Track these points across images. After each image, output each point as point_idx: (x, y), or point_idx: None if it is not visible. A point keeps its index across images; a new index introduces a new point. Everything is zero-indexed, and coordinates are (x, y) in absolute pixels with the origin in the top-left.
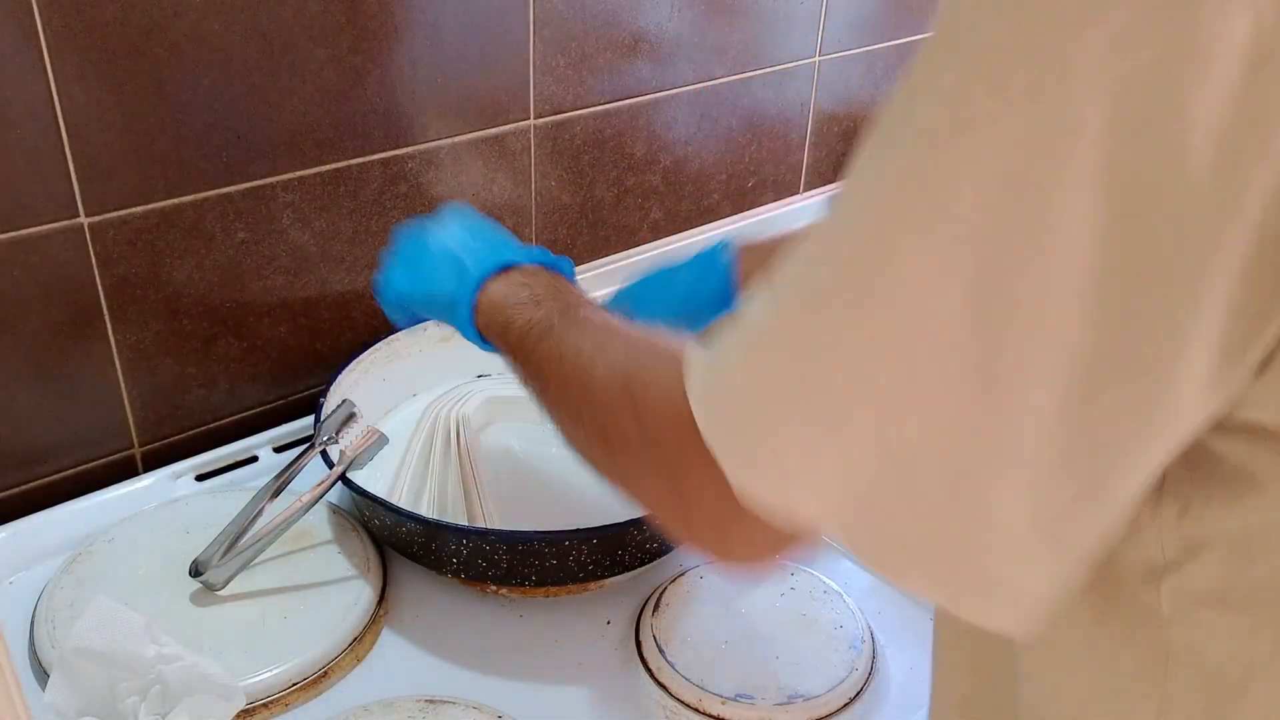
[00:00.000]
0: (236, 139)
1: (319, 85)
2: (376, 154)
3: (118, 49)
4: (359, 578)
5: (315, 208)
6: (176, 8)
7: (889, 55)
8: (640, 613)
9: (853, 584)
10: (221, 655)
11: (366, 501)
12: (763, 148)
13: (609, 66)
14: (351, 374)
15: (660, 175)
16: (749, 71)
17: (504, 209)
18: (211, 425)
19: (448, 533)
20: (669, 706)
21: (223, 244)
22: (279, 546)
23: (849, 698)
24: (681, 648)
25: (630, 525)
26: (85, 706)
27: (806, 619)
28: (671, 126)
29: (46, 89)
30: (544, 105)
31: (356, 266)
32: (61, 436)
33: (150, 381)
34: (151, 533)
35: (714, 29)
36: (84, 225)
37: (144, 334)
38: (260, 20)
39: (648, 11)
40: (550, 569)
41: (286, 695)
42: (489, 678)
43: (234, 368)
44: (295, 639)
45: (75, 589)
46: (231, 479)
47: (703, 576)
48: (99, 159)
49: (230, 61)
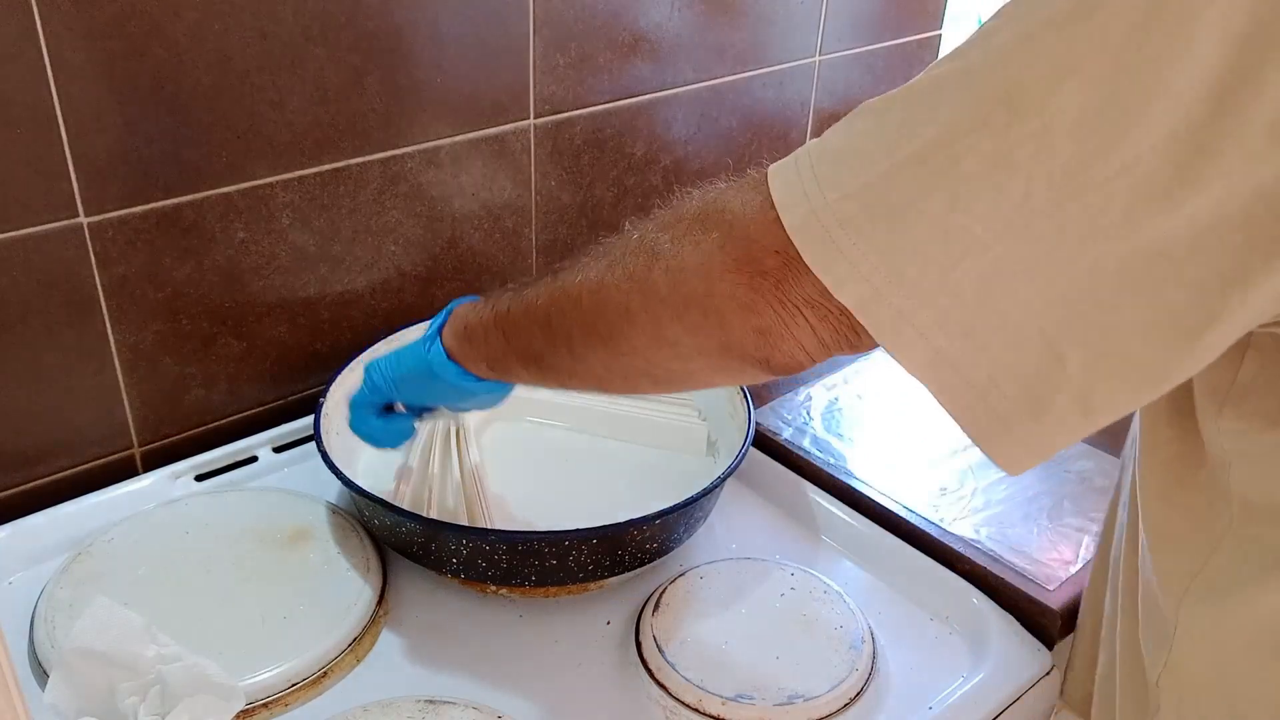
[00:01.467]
0: (236, 139)
1: (319, 85)
2: (376, 154)
3: (118, 49)
4: (359, 578)
5: (315, 208)
6: (176, 8)
7: (889, 55)
8: (640, 613)
9: (853, 584)
10: (221, 655)
11: (366, 501)
12: (763, 148)
13: (609, 66)
14: (351, 374)
15: (660, 175)
16: (749, 71)
17: (504, 209)
18: (211, 425)
19: (448, 533)
20: (669, 706)
21: (223, 244)
22: (280, 546)
23: (849, 698)
24: (681, 648)
25: (630, 525)
26: (85, 706)
27: (806, 619)
28: (671, 126)
29: (46, 89)
30: (544, 105)
31: (356, 266)
32: (61, 436)
33: (150, 381)
34: (151, 533)
35: (714, 29)
36: (84, 225)
37: (144, 334)
38: (260, 20)
39: (648, 11)
40: (550, 569)
41: (286, 695)
42: (489, 678)
43: (234, 368)
44: (295, 639)
45: (75, 589)
46: (231, 479)
47: (702, 576)
48: (99, 159)
49: (230, 61)
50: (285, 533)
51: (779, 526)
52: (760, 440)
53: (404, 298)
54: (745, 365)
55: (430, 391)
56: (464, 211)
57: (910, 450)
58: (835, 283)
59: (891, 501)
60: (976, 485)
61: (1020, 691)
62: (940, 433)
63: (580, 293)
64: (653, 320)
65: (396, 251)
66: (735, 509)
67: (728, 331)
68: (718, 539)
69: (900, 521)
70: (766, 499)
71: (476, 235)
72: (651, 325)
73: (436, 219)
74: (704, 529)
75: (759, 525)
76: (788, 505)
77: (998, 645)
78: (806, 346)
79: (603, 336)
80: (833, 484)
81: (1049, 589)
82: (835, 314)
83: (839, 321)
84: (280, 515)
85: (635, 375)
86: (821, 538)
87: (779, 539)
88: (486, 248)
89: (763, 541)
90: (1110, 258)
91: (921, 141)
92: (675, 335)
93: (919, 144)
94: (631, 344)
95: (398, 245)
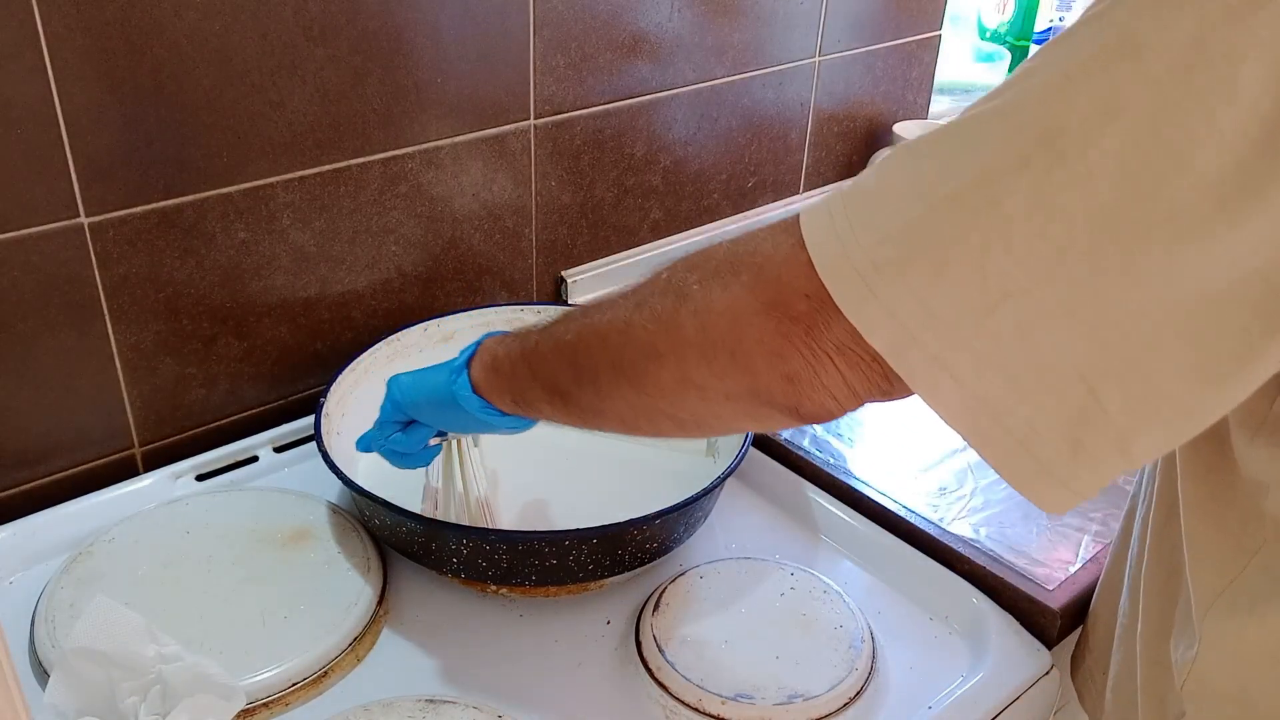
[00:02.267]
0: (236, 139)
1: (319, 85)
2: (376, 154)
3: (118, 49)
4: (359, 577)
5: (315, 208)
6: (176, 8)
7: (889, 55)
8: (640, 613)
9: (853, 584)
10: (221, 655)
11: (366, 501)
12: (762, 148)
13: (609, 66)
14: (352, 374)
15: (660, 175)
16: (749, 71)
17: (504, 209)
18: (211, 425)
19: (448, 533)
20: (669, 706)
21: (223, 244)
22: (280, 546)
23: (849, 698)
24: (681, 648)
25: (630, 525)
26: (85, 706)
27: (806, 619)
28: (671, 126)
29: (46, 89)
30: (544, 105)
31: (356, 266)
32: (62, 436)
33: (150, 381)
34: (151, 533)
35: (714, 29)
36: (84, 225)
37: (144, 334)
38: (260, 20)
39: (648, 11)
40: (550, 569)
41: (287, 695)
42: (489, 678)
43: (234, 368)
44: (295, 639)
45: (75, 589)
46: (231, 479)
47: (702, 576)
48: (99, 159)
49: (230, 61)
50: (286, 532)
51: (779, 526)
52: (760, 440)
53: (404, 298)
54: (774, 412)
55: (451, 420)
56: (464, 212)
57: (910, 450)
58: (867, 327)
59: (891, 501)
60: (976, 485)
61: (1020, 691)
62: (940, 433)
63: (609, 332)
64: (679, 363)
65: (397, 252)
66: (735, 509)
67: (755, 377)
68: (718, 539)
69: (900, 521)
70: (766, 499)
71: (477, 235)
72: (678, 368)
73: (437, 219)
74: (704, 529)
75: (759, 525)
76: (787, 505)
77: (997, 645)
78: (837, 395)
79: (629, 377)
80: (832, 484)
81: (1048, 589)
82: (867, 360)
83: (870, 369)
84: (281, 515)
85: (660, 418)
86: (821, 537)
87: (779, 539)
88: (487, 248)
89: (762, 541)
90: (1152, 300)
91: (959, 183)
92: (702, 379)
93: (956, 185)
94: (658, 386)
95: (398, 245)
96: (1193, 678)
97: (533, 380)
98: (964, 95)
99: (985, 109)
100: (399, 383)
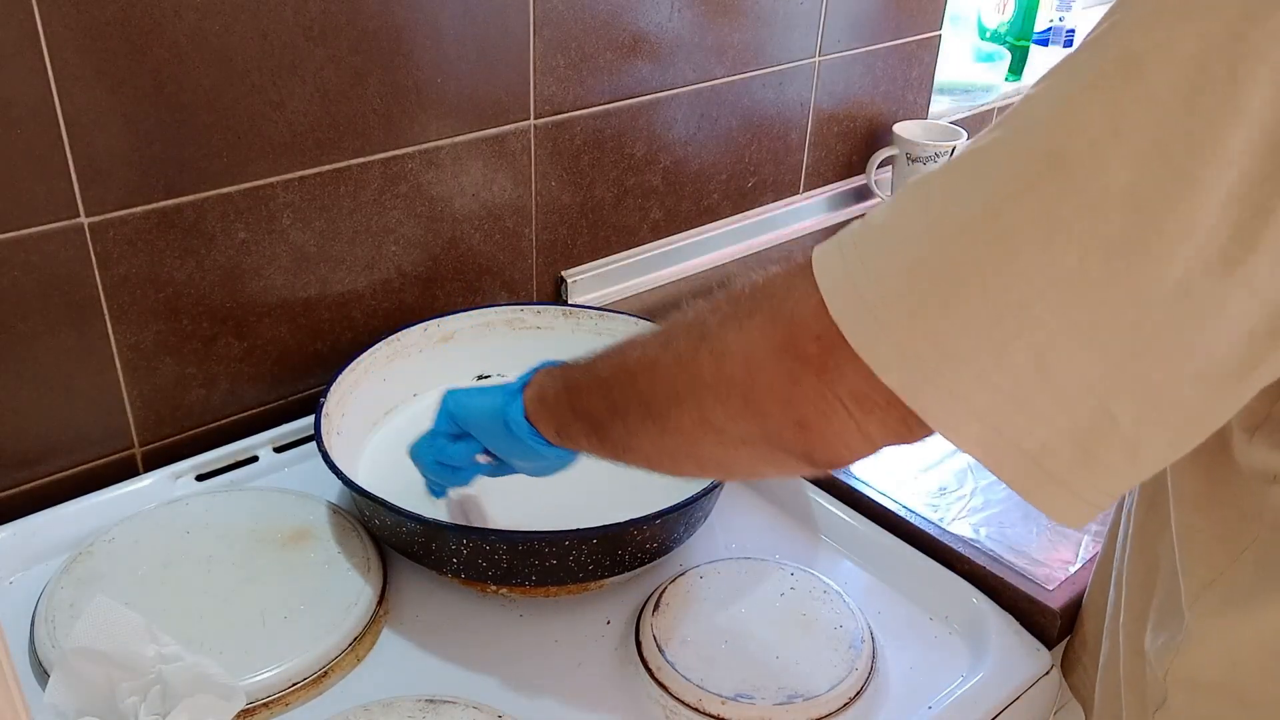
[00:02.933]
0: (236, 139)
1: (319, 85)
2: (376, 154)
3: (118, 49)
4: (359, 577)
5: (315, 208)
6: (176, 8)
7: (889, 55)
8: (640, 613)
9: (853, 584)
10: (221, 655)
11: (366, 501)
12: (762, 148)
13: (609, 66)
14: (352, 374)
15: (660, 175)
16: (749, 71)
17: (504, 209)
18: (211, 425)
19: (448, 533)
20: (669, 706)
21: (223, 244)
22: (280, 546)
23: (849, 698)
24: (681, 648)
25: (630, 525)
26: (85, 706)
27: (806, 619)
28: (671, 126)
29: (46, 89)
30: (544, 105)
31: (356, 266)
32: (62, 436)
33: (150, 381)
34: (151, 533)
35: (714, 29)
36: (84, 225)
37: (144, 334)
38: (260, 20)
39: (648, 11)
40: (550, 569)
41: (287, 695)
42: (489, 678)
43: (234, 368)
44: (295, 639)
45: (75, 589)
46: (231, 479)
47: (702, 576)
48: (99, 159)
49: (230, 61)
50: (286, 532)
51: (779, 526)
52: None
53: (404, 298)
54: (788, 458)
55: (501, 442)
56: (464, 212)
57: (910, 450)
58: (881, 366)
59: (891, 501)
60: (976, 485)
61: (1020, 691)
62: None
63: (637, 369)
64: (698, 405)
65: (397, 252)
66: (735, 509)
67: (767, 421)
68: (717, 539)
69: (900, 521)
70: (766, 499)
71: (477, 235)
72: (696, 409)
73: (437, 219)
74: (704, 529)
75: (759, 525)
76: (787, 505)
77: (997, 645)
78: (850, 442)
79: (654, 416)
80: (832, 484)
81: (1048, 589)
82: (882, 405)
83: (886, 413)
84: (281, 515)
85: (681, 458)
86: (821, 537)
87: (779, 539)
88: (487, 248)
89: (762, 541)
90: (1165, 320)
91: (968, 214)
92: (719, 421)
93: (965, 217)
94: (679, 427)
95: (398, 245)
96: (1179, 667)
97: (572, 413)
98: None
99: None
100: (455, 397)
